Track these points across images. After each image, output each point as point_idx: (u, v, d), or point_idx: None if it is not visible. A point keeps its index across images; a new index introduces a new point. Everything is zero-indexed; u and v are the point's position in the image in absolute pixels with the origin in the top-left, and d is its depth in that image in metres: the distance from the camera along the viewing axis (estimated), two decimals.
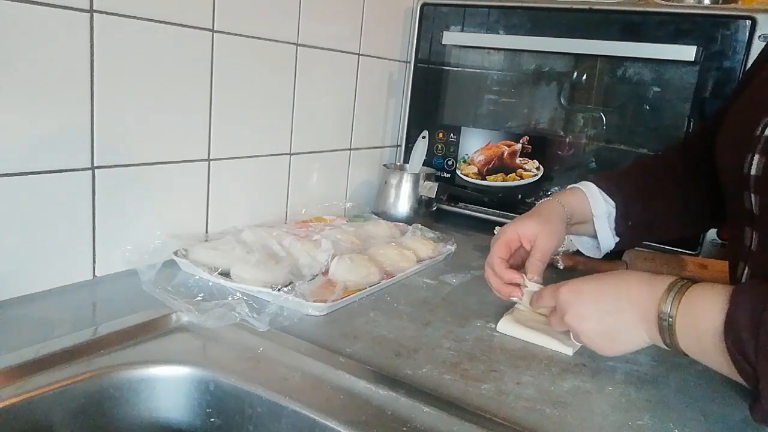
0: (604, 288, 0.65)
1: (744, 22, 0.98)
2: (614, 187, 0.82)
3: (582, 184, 0.83)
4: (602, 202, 0.81)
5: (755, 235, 0.65)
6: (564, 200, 0.81)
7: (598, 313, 0.64)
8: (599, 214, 0.81)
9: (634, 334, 0.62)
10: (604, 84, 1.18)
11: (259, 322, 0.70)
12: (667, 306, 0.58)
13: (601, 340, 0.65)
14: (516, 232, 0.77)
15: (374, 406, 0.57)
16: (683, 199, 0.83)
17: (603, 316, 0.64)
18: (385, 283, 0.88)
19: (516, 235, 0.77)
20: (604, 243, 0.83)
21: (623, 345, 0.64)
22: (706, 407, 0.62)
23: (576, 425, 0.57)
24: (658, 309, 0.58)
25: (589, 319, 0.65)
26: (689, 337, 0.57)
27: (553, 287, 0.70)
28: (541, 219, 0.78)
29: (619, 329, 0.63)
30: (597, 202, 0.81)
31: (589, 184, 0.82)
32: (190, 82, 0.88)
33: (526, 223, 0.78)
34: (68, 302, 0.73)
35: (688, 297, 0.57)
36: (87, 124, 0.75)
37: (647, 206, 0.82)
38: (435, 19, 1.27)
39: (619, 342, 0.64)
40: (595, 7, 1.11)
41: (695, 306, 0.56)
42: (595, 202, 0.81)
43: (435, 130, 1.32)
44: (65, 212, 0.75)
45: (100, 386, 0.60)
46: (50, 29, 0.69)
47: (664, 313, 0.58)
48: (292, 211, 1.13)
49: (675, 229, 0.87)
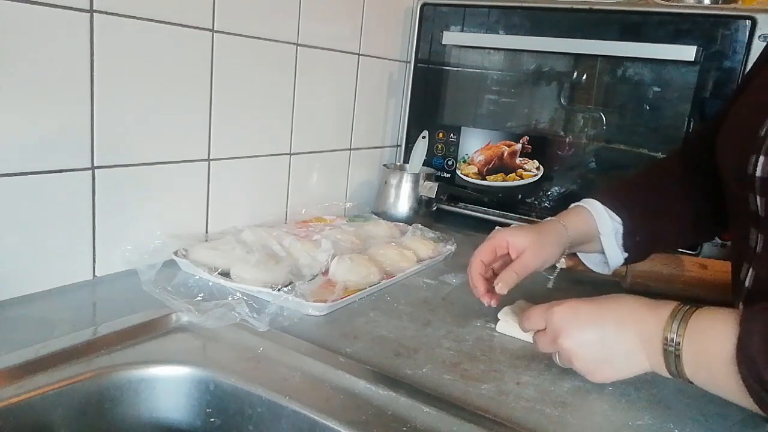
0: (604, 312, 0.63)
1: (744, 22, 0.98)
2: (619, 203, 0.80)
3: (586, 201, 0.82)
4: (608, 220, 0.79)
5: (761, 237, 0.65)
6: (569, 222, 0.79)
7: (598, 338, 0.61)
8: (606, 232, 0.80)
9: (634, 360, 0.60)
10: (604, 84, 1.18)
11: (259, 322, 0.70)
12: (673, 333, 0.56)
13: (597, 366, 0.62)
14: (506, 239, 0.76)
15: (374, 406, 0.57)
16: (690, 210, 0.82)
17: (603, 341, 0.61)
18: (385, 283, 0.88)
19: (506, 242, 0.76)
20: (612, 260, 0.82)
21: (619, 372, 0.62)
22: (706, 407, 0.62)
23: (576, 425, 0.57)
24: (663, 335, 0.57)
25: (588, 343, 0.62)
26: (697, 364, 0.55)
27: (543, 307, 0.66)
28: (536, 235, 0.76)
29: (619, 355, 0.60)
30: (603, 220, 0.79)
31: (594, 202, 0.81)
32: (190, 82, 0.88)
33: (519, 233, 0.77)
34: (68, 302, 0.73)
35: (694, 322, 0.56)
36: (87, 124, 0.75)
37: (654, 221, 0.81)
38: (435, 19, 1.27)
39: (615, 369, 0.61)
40: (595, 7, 1.11)
41: (703, 332, 0.55)
42: (601, 220, 0.79)
43: (435, 130, 1.32)
44: (65, 212, 0.75)
45: (100, 386, 0.60)
46: (50, 29, 0.69)
47: (670, 340, 0.56)
48: (292, 211, 1.13)
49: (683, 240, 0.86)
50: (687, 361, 0.56)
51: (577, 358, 0.62)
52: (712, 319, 0.55)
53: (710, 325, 0.55)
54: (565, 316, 0.63)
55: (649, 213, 0.81)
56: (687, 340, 0.55)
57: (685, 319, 0.56)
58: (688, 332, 0.55)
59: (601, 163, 1.18)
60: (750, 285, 0.67)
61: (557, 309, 0.64)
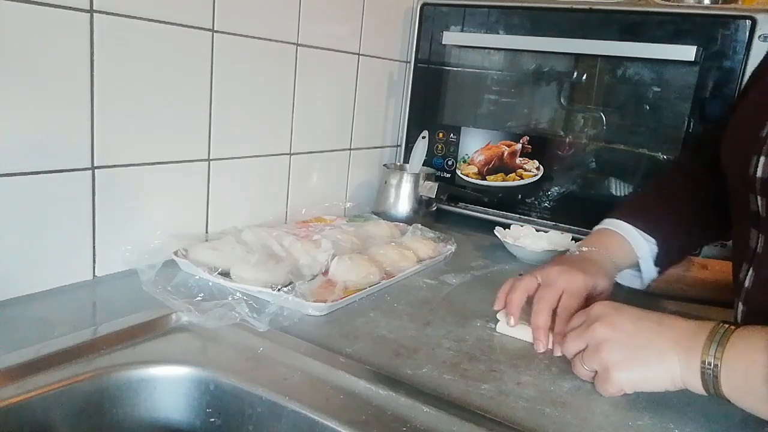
0: (647, 313, 0.62)
1: (744, 22, 0.98)
2: (651, 224, 0.80)
3: (615, 225, 0.81)
4: (644, 243, 0.80)
5: (761, 237, 0.65)
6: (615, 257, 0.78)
7: (635, 329, 0.60)
8: (644, 255, 0.80)
9: (666, 361, 0.57)
10: (604, 84, 1.18)
11: (259, 322, 0.69)
12: (710, 356, 0.55)
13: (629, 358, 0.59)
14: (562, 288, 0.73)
15: (374, 406, 0.57)
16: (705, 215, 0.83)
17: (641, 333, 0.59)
18: (385, 283, 0.88)
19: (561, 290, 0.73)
20: (646, 276, 0.82)
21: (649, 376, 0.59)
22: (706, 407, 0.62)
23: (576, 425, 0.57)
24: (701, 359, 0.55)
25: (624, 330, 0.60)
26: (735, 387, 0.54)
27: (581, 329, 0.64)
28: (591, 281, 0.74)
29: (651, 356, 0.58)
30: (639, 243, 0.80)
31: (624, 225, 0.80)
32: (190, 82, 0.88)
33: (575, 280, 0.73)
34: (68, 302, 0.73)
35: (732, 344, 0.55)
36: (87, 123, 0.75)
37: (681, 233, 0.82)
38: (435, 19, 1.27)
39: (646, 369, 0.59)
40: (595, 7, 1.11)
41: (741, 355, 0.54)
42: (637, 244, 0.80)
43: (435, 130, 1.32)
44: (65, 212, 0.75)
45: (100, 386, 0.60)
46: (50, 29, 0.69)
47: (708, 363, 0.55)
48: (292, 211, 1.13)
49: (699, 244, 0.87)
50: (725, 382, 0.55)
51: (609, 344, 0.60)
52: (749, 338, 0.55)
53: (748, 345, 0.54)
54: (608, 308, 0.64)
55: (676, 227, 0.82)
56: (725, 364, 0.55)
57: (723, 342, 0.55)
58: (726, 355, 0.55)
59: (601, 163, 1.18)
60: (750, 285, 0.67)
61: (600, 302, 0.65)
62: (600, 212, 0.87)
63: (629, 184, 1.15)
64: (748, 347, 0.54)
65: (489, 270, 1.03)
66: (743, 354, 0.54)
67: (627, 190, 1.15)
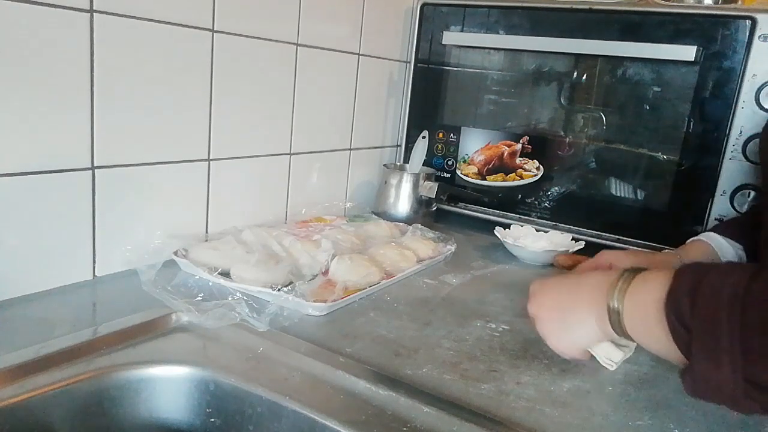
0: (565, 280, 0.65)
1: (744, 22, 0.98)
2: (738, 231, 0.87)
3: (704, 235, 0.89)
4: (729, 248, 0.87)
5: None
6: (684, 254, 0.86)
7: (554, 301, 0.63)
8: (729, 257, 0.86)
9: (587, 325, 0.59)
10: (604, 84, 1.18)
11: (259, 322, 0.70)
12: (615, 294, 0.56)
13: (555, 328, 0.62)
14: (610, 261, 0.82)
15: (374, 406, 0.57)
16: None
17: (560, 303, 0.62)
18: (385, 283, 0.88)
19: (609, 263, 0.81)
20: None
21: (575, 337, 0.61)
22: (706, 407, 0.62)
23: (576, 425, 0.57)
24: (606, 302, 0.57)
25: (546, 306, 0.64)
26: (634, 319, 0.55)
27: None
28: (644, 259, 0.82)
29: (572, 319, 0.61)
30: (723, 247, 0.87)
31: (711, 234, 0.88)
32: (190, 81, 0.88)
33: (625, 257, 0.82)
34: (68, 302, 0.73)
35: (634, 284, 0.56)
36: (87, 123, 0.75)
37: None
38: (435, 19, 1.27)
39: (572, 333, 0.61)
40: (595, 7, 1.11)
41: (641, 291, 0.55)
42: (721, 248, 0.87)
43: (435, 130, 1.32)
44: (65, 212, 0.75)
45: (100, 386, 0.60)
46: (50, 29, 0.69)
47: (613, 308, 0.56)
48: (292, 211, 1.13)
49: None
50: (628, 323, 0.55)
51: (537, 321, 0.64)
52: (649, 277, 0.55)
53: (647, 282, 0.55)
54: (534, 285, 0.66)
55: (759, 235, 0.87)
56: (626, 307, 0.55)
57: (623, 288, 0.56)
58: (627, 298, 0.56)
59: (601, 163, 1.18)
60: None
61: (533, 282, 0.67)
62: (600, 212, 0.87)
63: (629, 184, 1.15)
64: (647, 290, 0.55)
65: (489, 270, 1.03)
66: (641, 296, 0.55)
67: (627, 190, 1.15)
